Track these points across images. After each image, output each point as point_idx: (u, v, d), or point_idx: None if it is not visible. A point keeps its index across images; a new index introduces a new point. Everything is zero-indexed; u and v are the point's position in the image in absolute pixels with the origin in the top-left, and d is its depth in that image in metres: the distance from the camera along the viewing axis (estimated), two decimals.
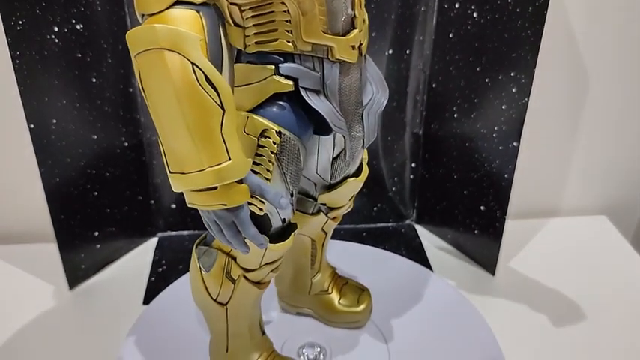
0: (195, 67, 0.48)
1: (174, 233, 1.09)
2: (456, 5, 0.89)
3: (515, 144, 0.88)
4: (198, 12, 0.49)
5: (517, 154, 0.89)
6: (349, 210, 0.75)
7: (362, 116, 0.61)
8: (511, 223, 0.97)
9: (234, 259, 0.64)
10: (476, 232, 1.00)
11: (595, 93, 1.05)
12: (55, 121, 0.86)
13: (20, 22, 0.78)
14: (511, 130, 0.88)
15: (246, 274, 0.64)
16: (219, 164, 0.50)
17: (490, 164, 0.93)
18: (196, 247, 0.66)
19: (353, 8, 0.54)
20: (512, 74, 0.85)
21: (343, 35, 0.54)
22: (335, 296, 0.81)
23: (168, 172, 0.52)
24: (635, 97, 1.07)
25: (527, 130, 0.87)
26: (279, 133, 0.55)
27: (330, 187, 0.68)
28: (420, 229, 1.11)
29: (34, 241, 1.05)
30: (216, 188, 0.51)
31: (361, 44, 0.56)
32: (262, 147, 0.55)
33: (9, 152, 1.00)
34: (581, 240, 1.09)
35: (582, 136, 1.10)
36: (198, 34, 0.48)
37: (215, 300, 0.66)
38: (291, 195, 0.60)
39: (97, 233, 0.98)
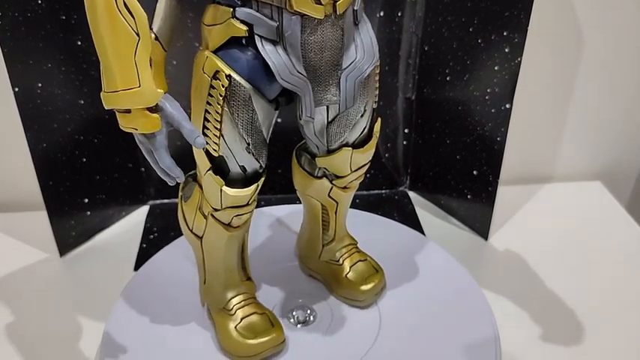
0: None
1: (165, 201, 1.08)
2: None
3: (507, 106, 0.87)
4: None
5: (510, 116, 0.88)
6: (357, 181, 0.73)
7: (339, 80, 0.60)
8: (505, 189, 0.97)
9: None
10: (469, 197, 0.99)
11: (589, 53, 1.04)
12: (40, 84, 0.85)
13: None
14: (504, 91, 0.87)
15: (214, 213, 0.66)
16: (130, 88, 0.53)
17: (483, 127, 0.92)
18: (186, 177, 0.68)
19: None
20: (505, 34, 0.84)
21: None
22: (344, 269, 0.80)
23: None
24: (631, 58, 1.06)
25: (519, 95, 0.86)
26: (228, 77, 0.56)
27: (330, 152, 0.68)
28: (413, 195, 1.11)
29: (24, 209, 1.05)
30: (130, 112, 0.54)
31: (335, 1, 0.54)
32: (213, 88, 0.57)
33: None
34: (576, 205, 1.09)
35: (576, 99, 1.09)
36: None
37: (191, 231, 0.70)
38: (248, 144, 0.60)
39: (86, 200, 0.97)
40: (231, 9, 0.54)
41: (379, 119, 0.69)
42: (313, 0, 0.53)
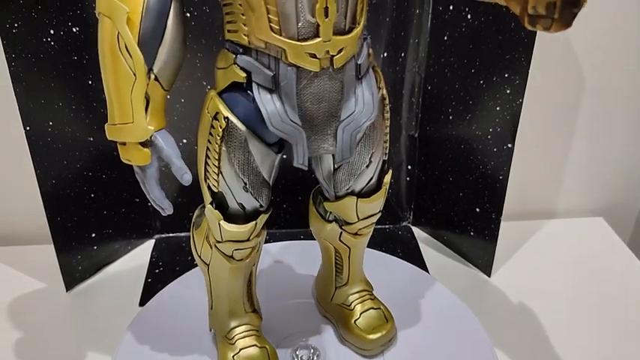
0: (119, 34, 0.54)
1: (171, 235, 1.09)
2: (450, 7, 0.89)
3: (509, 145, 0.89)
4: None
5: (511, 156, 0.89)
6: (368, 229, 0.74)
7: (336, 131, 0.61)
8: (507, 225, 0.98)
9: None
10: (472, 233, 1.00)
11: (590, 94, 1.05)
12: (51, 123, 0.87)
13: (16, 25, 0.79)
14: (505, 131, 0.89)
15: (217, 244, 0.67)
16: (125, 123, 0.57)
17: (485, 166, 0.94)
18: (200, 207, 0.70)
19: (314, 16, 0.53)
20: (506, 76, 0.86)
21: (301, 40, 0.54)
22: (355, 314, 0.78)
23: None
24: (631, 97, 1.07)
25: (522, 131, 0.87)
26: (226, 119, 0.58)
27: (338, 198, 0.69)
28: (417, 231, 1.11)
29: (31, 243, 1.06)
30: (125, 144, 0.59)
31: (333, 56, 0.55)
32: (213, 127, 0.59)
33: (5, 154, 1.01)
34: (578, 241, 1.09)
35: (578, 138, 1.10)
36: (135, 7, 0.54)
37: (200, 257, 0.72)
38: (245, 184, 0.62)
39: (93, 235, 0.99)
40: (234, 55, 0.57)
41: (390, 171, 0.69)
42: (308, 54, 0.54)
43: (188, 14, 0.86)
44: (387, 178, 0.69)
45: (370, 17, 0.92)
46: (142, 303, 0.92)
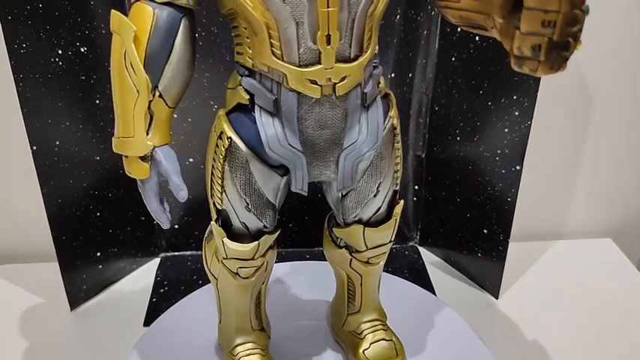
0: (126, 51, 0.55)
1: (176, 254, 1.09)
2: (458, 29, 0.89)
3: (517, 167, 0.88)
4: (154, 9, 0.55)
5: (520, 178, 0.88)
6: (378, 259, 0.72)
7: (338, 158, 0.60)
8: (515, 246, 0.97)
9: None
10: (479, 254, 0.99)
11: (599, 115, 1.05)
12: (58, 142, 0.87)
13: (24, 45, 0.79)
14: (514, 153, 0.88)
15: (223, 261, 0.67)
16: (127, 137, 0.58)
17: (493, 187, 0.93)
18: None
19: (316, 43, 0.52)
20: (514, 97, 0.85)
21: (302, 66, 0.54)
22: (364, 344, 0.76)
23: None
24: None
25: (530, 152, 0.87)
26: (229, 139, 0.59)
27: (346, 225, 0.68)
28: (424, 251, 1.11)
29: (36, 261, 1.05)
30: (128, 157, 0.60)
31: (335, 83, 0.54)
32: (217, 147, 0.60)
33: (11, 173, 1.01)
34: (586, 263, 1.08)
35: (587, 159, 1.10)
36: (144, 26, 0.55)
37: (210, 271, 0.72)
38: (247, 204, 0.62)
39: (99, 254, 0.98)
40: (240, 77, 0.57)
41: (401, 202, 0.68)
42: (309, 80, 0.54)
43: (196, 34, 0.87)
44: (398, 209, 0.68)
45: (378, 37, 0.92)
46: (147, 323, 0.92)
